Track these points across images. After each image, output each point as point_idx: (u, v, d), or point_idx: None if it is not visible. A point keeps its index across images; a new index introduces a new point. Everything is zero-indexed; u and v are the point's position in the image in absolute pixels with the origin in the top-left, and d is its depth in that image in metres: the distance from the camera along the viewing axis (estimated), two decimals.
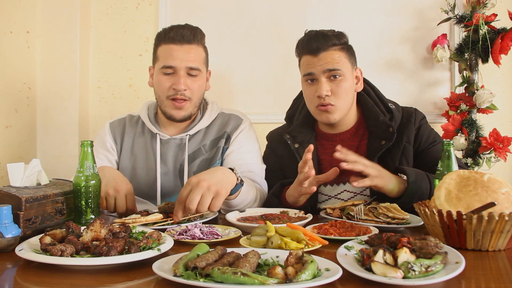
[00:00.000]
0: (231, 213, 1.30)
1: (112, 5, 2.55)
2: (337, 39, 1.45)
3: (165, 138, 1.59)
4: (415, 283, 0.70)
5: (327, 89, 1.43)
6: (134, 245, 0.85)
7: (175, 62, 1.49)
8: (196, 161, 1.57)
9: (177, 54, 1.50)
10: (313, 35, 1.46)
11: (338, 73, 1.43)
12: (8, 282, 0.77)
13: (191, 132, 1.59)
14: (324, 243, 0.96)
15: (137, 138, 1.63)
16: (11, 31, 2.23)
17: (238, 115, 1.66)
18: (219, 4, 2.45)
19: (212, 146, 1.59)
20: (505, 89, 2.28)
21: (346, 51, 1.47)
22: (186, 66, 1.50)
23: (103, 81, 2.56)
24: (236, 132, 1.60)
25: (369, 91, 1.57)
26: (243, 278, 0.68)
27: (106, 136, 1.64)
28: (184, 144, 1.58)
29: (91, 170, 1.17)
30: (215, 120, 1.64)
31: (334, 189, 1.54)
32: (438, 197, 1.03)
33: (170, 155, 1.58)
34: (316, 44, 1.44)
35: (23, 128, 2.35)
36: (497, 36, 2.07)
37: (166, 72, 1.51)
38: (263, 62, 2.40)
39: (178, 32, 1.51)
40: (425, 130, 1.52)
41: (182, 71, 1.50)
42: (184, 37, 1.50)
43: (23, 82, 2.34)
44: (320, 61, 1.43)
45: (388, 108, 1.52)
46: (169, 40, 1.51)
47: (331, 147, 1.54)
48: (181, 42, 1.50)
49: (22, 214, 0.99)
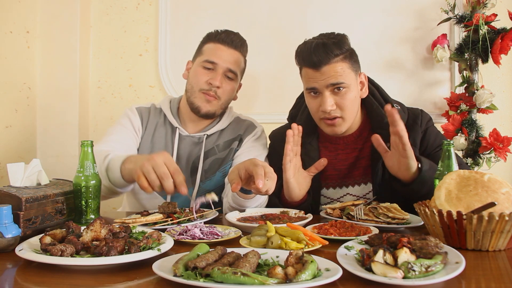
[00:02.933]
0: (231, 213, 1.31)
1: (112, 5, 2.55)
2: (338, 48, 1.36)
3: (183, 134, 1.62)
4: (415, 283, 0.70)
5: (332, 103, 1.38)
6: (134, 245, 0.85)
7: (218, 60, 1.55)
8: (208, 159, 1.60)
9: (222, 53, 1.56)
10: (313, 48, 1.37)
11: (341, 85, 1.37)
12: (8, 282, 0.77)
13: (209, 132, 1.63)
14: (324, 243, 0.96)
15: (159, 128, 1.65)
16: (11, 31, 2.23)
17: (253, 122, 1.72)
18: (219, 4, 2.45)
19: (225, 147, 1.63)
20: (505, 89, 2.28)
21: (349, 60, 1.40)
22: (227, 66, 1.56)
23: (103, 81, 2.56)
24: (249, 136, 1.65)
25: (374, 92, 1.54)
26: (243, 278, 0.68)
27: (136, 117, 1.63)
28: (201, 142, 1.62)
29: (91, 170, 1.17)
30: (231, 124, 1.68)
31: (337, 192, 1.53)
32: (438, 197, 1.03)
33: (185, 152, 1.61)
34: (317, 58, 1.35)
35: (23, 128, 2.35)
36: (497, 36, 2.07)
37: (206, 66, 1.56)
38: (263, 62, 2.40)
39: (229, 36, 1.59)
40: (431, 133, 1.48)
41: (221, 70, 1.56)
42: (233, 42, 1.58)
43: (23, 82, 2.34)
44: (323, 76, 1.36)
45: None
46: (218, 40, 1.58)
47: (335, 150, 1.54)
48: (229, 45, 1.58)
49: (22, 214, 0.99)
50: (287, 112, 1.69)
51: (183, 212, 1.26)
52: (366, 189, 1.50)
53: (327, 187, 1.53)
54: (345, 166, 1.52)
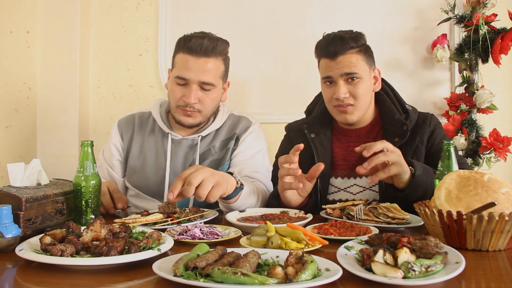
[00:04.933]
0: (231, 213, 1.30)
1: (112, 5, 2.55)
2: (354, 41, 1.46)
3: (177, 138, 1.61)
4: (415, 283, 0.70)
5: (345, 91, 1.46)
6: (134, 245, 0.85)
7: (188, 75, 1.48)
8: (205, 161, 1.59)
9: (192, 66, 1.47)
10: (331, 39, 1.47)
11: (355, 76, 1.45)
12: (8, 282, 0.77)
13: (203, 133, 1.61)
14: (324, 243, 0.96)
15: (148, 136, 1.64)
16: (11, 31, 2.23)
17: (248, 117, 1.69)
18: (219, 4, 2.45)
19: (222, 147, 1.61)
20: (505, 89, 2.28)
21: (364, 53, 1.49)
22: (200, 80, 1.49)
23: (103, 81, 2.56)
24: (245, 134, 1.63)
25: (388, 92, 1.61)
26: (243, 278, 0.68)
27: (116, 134, 1.67)
28: (196, 145, 1.60)
29: (91, 170, 1.17)
30: (226, 122, 1.66)
31: (344, 182, 1.55)
32: (438, 197, 1.03)
33: (180, 155, 1.60)
34: (333, 48, 1.45)
35: (23, 128, 2.35)
36: (497, 36, 2.07)
37: (179, 82, 1.51)
38: (263, 62, 2.40)
39: (197, 42, 1.47)
40: (439, 134, 1.54)
41: (195, 84, 1.49)
42: (202, 48, 1.47)
43: (23, 82, 2.34)
44: (338, 65, 1.45)
45: (405, 108, 1.55)
46: (186, 50, 1.48)
47: (346, 142, 1.59)
48: (198, 54, 1.47)
49: (22, 214, 0.99)
50: (288, 111, 1.71)
51: (183, 212, 1.26)
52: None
53: (335, 176, 1.57)
54: (355, 157, 1.55)
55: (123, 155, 1.66)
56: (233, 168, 1.57)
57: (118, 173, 1.66)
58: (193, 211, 1.29)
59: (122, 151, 1.66)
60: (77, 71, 2.44)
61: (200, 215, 1.27)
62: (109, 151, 1.66)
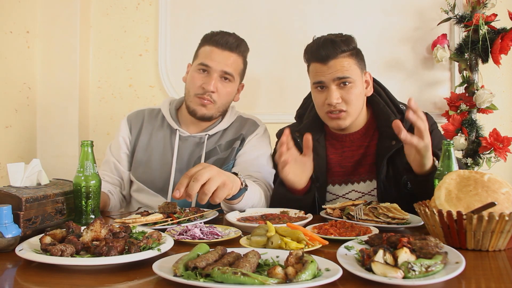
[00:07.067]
0: (231, 213, 1.30)
1: (112, 5, 2.55)
2: (345, 45, 1.43)
3: (184, 135, 1.63)
4: (415, 283, 0.70)
5: (337, 96, 1.43)
6: (134, 245, 0.85)
7: (212, 63, 1.54)
8: (210, 159, 1.60)
9: (216, 56, 1.54)
10: (321, 43, 1.44)
11: (347, 80, 1.42)
12: (8, 282, 0.77)
13: (210, 132, 1.63)
14: (324, 243, 0.96)
15: (156, 132, 1.66)
16: (11, 31, 2.23)
17: (255, 120, 1.71)
18: (219, 4, 2.45)
19: (228, 146, 1.63)
20: (505, 89, 2.28)
21: (355, 57, 1.46)
22: (221, 69, 1.54)
23: (103, 81, 2.56)
24: (252, 135, 1.65)
25: (380, 92, 1.58)
26: (243, 278, 0.68)
27: (125, 128, 1.68)
28: (202, 143, 1.62)
29: (91, 170, 1.17)
30: (233, 123, 1.68)
31: (342, 189, 1.55)
32: (438, 197, 1.03)
33: (186, 152, 1.61)
34: (325, 52, 1.42)
35: (23, 128, 2.35)
36: (497, 36, 2.07)
37: (202, 68, 1.56)
38: (263, 62, 2.40)
39: (223, 37, 1.56)
40: (436, 135, 1.51)
41: (216, 73, 1.54)
42: (228, 43, 1.55)
43: (23, 82, 2.34)
44: (330, 69, 1.42)
45: (400, 109, 1.53)
46: (212, 43, 1.56)
47: (341, 147, 1.57)
48: (224, 47, 1.55)
49: (22, 214, 0.99)
50: (288, 112, 1.70)
51: (183, 212, 1.26)
52: (371, 186, 1.52)
53: (332, 183, 1.55)
54: (351, 163, 1.54)
55: (131, 148, 1.67)
56: (237, 167, 1.58)
57: (125, 166, 1.66)
58: (193, 211, 1.29)
59: (129, 144, 1.68)
60: (77, 71, 2.44)
61: (200, 215, 1.27)
62: (117, 144, 1.67)
